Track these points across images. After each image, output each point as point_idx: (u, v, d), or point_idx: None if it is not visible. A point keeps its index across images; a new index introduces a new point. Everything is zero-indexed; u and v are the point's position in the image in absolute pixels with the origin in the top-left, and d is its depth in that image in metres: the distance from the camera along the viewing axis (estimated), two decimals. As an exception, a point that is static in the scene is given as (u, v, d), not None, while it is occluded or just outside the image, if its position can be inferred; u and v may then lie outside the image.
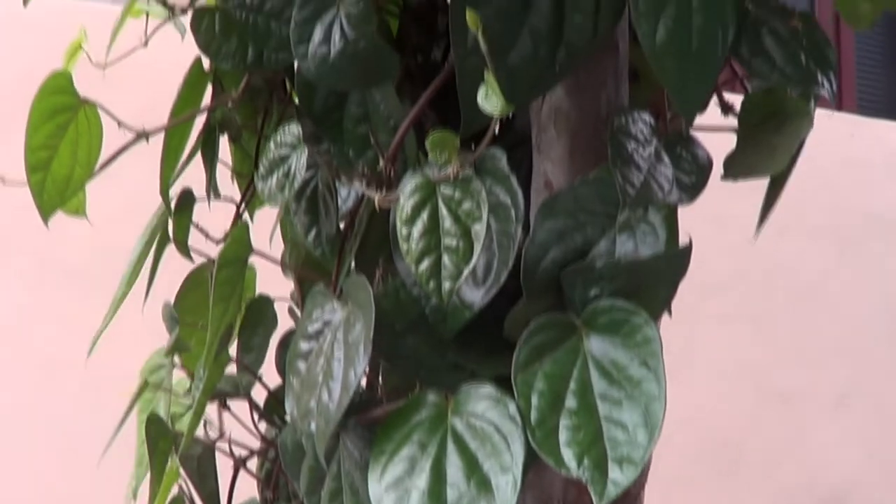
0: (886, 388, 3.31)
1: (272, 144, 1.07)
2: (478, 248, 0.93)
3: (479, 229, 0.93)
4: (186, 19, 1.33)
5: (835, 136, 2.81)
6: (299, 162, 1.03)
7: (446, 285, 0.94)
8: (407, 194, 0.95)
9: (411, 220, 0.95)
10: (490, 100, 0.90)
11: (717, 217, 2.38)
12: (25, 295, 2.51)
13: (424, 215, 0.95)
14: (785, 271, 3.13)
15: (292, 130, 1.05)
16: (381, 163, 1.07)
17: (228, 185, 1.41)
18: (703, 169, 1.06)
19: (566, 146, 1.10)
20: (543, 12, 1.01)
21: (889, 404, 3.30)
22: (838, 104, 3.76)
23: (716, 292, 3.04)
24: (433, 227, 0.95)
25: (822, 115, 1.14)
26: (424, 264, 0.95)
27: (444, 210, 0.95)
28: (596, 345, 0.98)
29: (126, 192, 1.81)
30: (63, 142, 1.22)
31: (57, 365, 2.46)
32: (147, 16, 1.43)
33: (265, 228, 1.41)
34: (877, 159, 3.30)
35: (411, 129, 1.11)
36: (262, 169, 1.07)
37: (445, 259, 0.94)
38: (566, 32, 1.01)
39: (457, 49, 0.99)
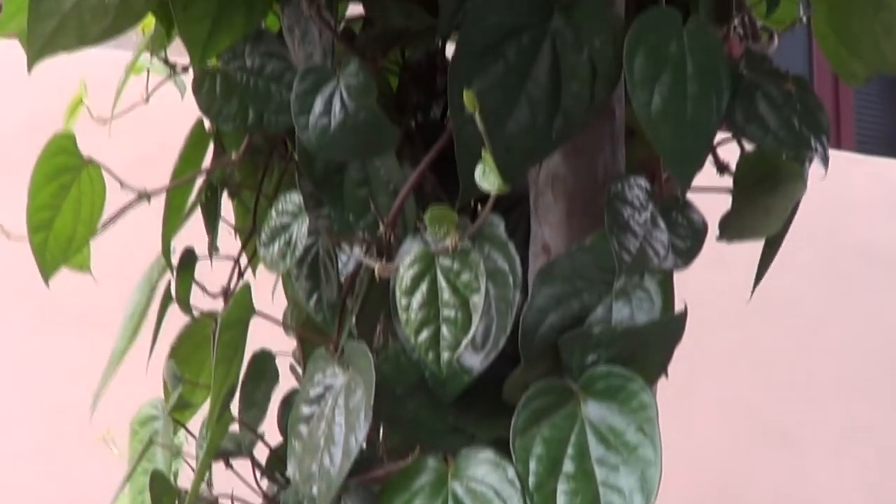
0: (888, 425, 3.31)
1: (273, 212, 1.08)
2: (476, 319, 0.94)
3: (477, 301, 0.94)
4: (187, 78, 1.35)
5: (833, 174, 2.80)
6: (300, 230, 1.05)
7: (445, 356, 0.95)
8: (406, 265, 0.96)
9: (410, 292, 0.96)
10: (488, 177, 0.92)
11: (717, 255, 2.39)
12: (28, 341, 2.52)
13: (423, 286, 0.96)
14: (785, 309, 3.14)
15: (293, 199, 1.07)
16: (382, 228, 1.08)
17: (228, 238, 1.42)
18: (699, 233, 1.07)
19: (563, 210, 1.11)
20: (541, 81, 1.02)
21: (891, 443, 3.30)
22: (837, 142, 3.78)
23: (715, 330, 3.05)
24: (432, 298, 0.96)
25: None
26: (423, 335, 0.96)
27: (442, 281, 0.96)
28: (593, 410, 0.99)
29: (126, 240, 1.82)
30: (66, 201, 1.23)
31: (58, 411, 2.46)
32: (148, 72, 1.46)
33: (266, 284, 1.43)
34: (876, 196, 3.31)
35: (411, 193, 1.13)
36: (263, 236, 1.09)
37: (444, 330, 0.95)
38: (563, 101, 1.03)
39: (455, 118, 1.00)
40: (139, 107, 1.44)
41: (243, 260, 1.39)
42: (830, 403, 3.27)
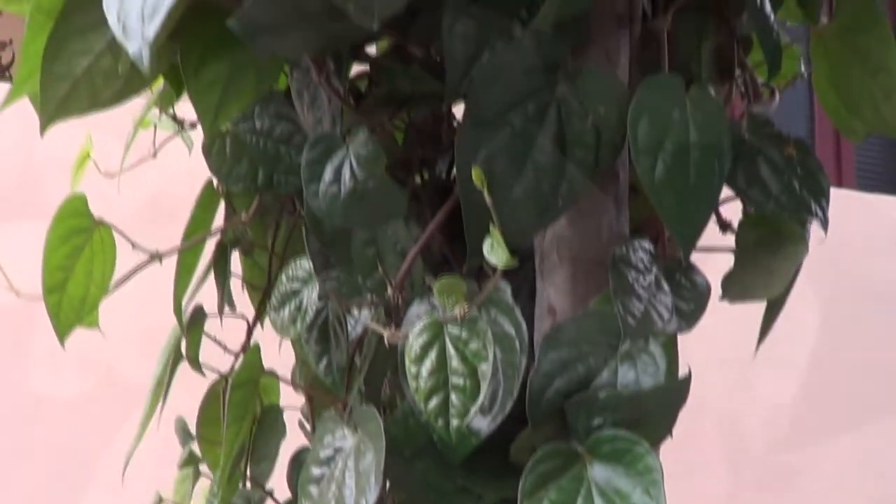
0: (891, 460, 3.32)
1: (283, 277, 1.10)
2: (484, 387, 0.96)
3: (485, 369, 0.96)
4: (195, 133, 1.37)
5: (834, 211, 2.82)
6: (311, 297, 1.07)
7: (454, 423, 0.97)
8: (415, 334, 0.98)
9: (420, 360, 0.98)
10: (496, 252, 0.94)
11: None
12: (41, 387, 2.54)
13: (432, 355, 0.98)
14: (785, 346, 3.15)
15: (303, 265, 1.09)
16: (389, 290, 1.10)
17: (238, 293, 1.44)
18: (702, 295, 1.09)
19: (568, 272, 1.13)
20: (546, 148, 1.04)
21: (891, 479, 3.30)
22: (838, 180, 3.80)
23: (717, 367, 3.06)
24: (441, 366, 0.98)
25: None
26: (433, 402, 0.98)
27: (451, 350, 0.98)
28: (599, 473, 1.01)
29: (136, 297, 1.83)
30: (78, 262, 1.25)
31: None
32: (156, 127, 1.48)
33: (275, 338, 1.44)
34: (877, 233, 3.32)
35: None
36: (274, 300, 1.11)
37: (453, 397, 0.97)
38: (569, 167, 1.05)
39: (463, 187, 1.02)
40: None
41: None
42: (832, 440, 3.28)
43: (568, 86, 1.05)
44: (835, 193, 1.18)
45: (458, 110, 1.09)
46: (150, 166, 1.51)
